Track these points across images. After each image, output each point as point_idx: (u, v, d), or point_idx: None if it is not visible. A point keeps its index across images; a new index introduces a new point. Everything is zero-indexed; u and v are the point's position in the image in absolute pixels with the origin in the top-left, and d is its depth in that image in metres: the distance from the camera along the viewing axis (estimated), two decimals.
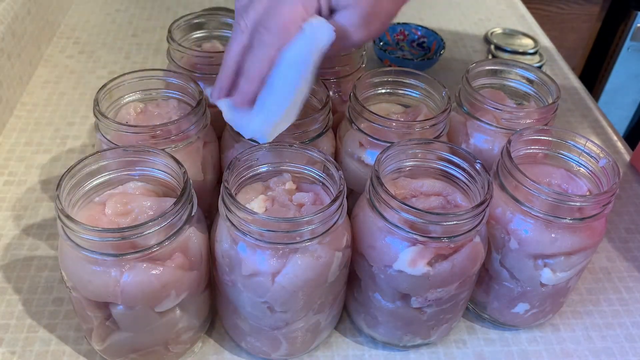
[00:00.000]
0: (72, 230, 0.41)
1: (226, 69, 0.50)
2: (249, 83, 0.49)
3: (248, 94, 0.50)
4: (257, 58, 0.49)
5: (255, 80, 0.49)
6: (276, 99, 0.49)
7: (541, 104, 0.61)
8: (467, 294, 0.51)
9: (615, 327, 0.58)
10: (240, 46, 0.49)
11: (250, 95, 0.50)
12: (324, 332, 0.52)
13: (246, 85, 0.49)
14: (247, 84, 0.49)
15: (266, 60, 0.48)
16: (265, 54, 0.48)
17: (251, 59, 0.49)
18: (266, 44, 0.48)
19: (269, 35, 0.48)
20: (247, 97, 0.50)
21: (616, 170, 0.49)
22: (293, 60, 0.48)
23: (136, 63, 0.90)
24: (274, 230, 0.42)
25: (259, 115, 0.50)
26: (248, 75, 0.49)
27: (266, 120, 0.49)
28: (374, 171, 0.46)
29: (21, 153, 0.72)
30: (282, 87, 0.49)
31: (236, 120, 0.51)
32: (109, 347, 0.48)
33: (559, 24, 1.57)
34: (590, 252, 0.51)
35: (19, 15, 0.80)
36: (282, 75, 0.49)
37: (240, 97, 0.50)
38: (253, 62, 0.49)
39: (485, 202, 0.45)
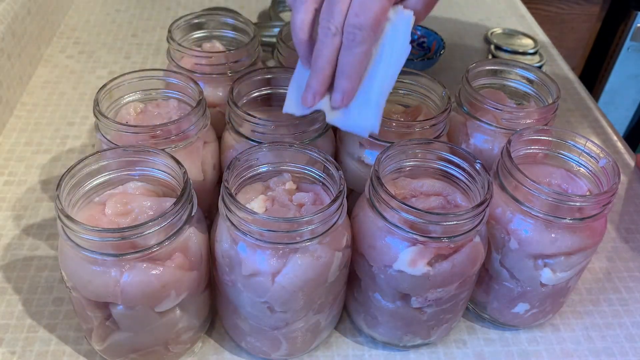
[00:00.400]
0: (72, 230, 0.41)
1: (321, 74, 0.50)
2: (351, 82, 0.50)
3: (351, 93, 0.50)
4: (356, 57, 0.49)
5: (357, 78, 0.50)
6: (381, 91, 0.50)
7: (541, 104, 0.61)
8: (467, 294, 0.51)
9: (615, 327, 0.58)
10: (334, 49, 0.49)
11: (352, 94, 0.51)
12: (324, 332, 0.52)
13: (348, 84, 0.50)
14: (349, 83, 0.50)
15: (365, 58, 0.49)
16: (363, 51, 0.49)
17: (349, 59, 0.49)
18: (362, 42, 0.49)
19: (364, 33, 0.48)
20: (350, 96, 0.50)
21: (616, 170, 0.49)
22: (391, 52, 0.50)
23: (136, 63, 0.90)
24: (274, 230, 0.42)
25: (368, 110, 0.50)
26: (349, 75, 0.50)
27: (375, 114, 0.50)
28: (374, 171, 0.46)
29: (21, 153, 0.72)
30: (384, 79, 0.50)
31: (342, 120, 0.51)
32: (109, 347, 0.48)
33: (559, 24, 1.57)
34: (590, 252, 0.51)
35: (19, 15, 0.80)
36: (383, 68, 0.50)
37: (344, 96, 0.50)
38: (352, 62, 0.49)
39: (485, 202, 0.45)
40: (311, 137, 0.54)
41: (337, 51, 0.50)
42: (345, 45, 0.49)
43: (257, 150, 0.48)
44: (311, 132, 0.53)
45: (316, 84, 0.51)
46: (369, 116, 0.50)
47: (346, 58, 0.49)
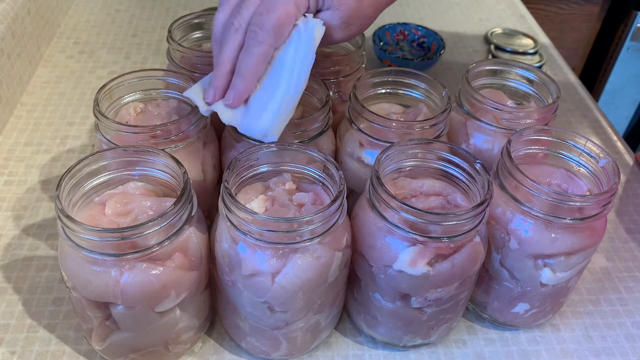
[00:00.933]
0: (72, 230, 0.41)
1: (222, 69, 0.50)
2: (245, 82, 0.50)
3: (243, 93, 0.50)
4: (252, 57, 0.49)
5: (251, 79, 0.50)
6: (282, 98, 0.50)
7: (541, 104, 0.61)
8: (467, 294, 0.51)
9: (615, 327, 0.58)
10: (236, 45, 0.50)
11: (245, 95, 0.50)
12: (324, 332, 0.52)
13: (242, 84, 0.50)
14: (243, 83, 0.50)
15: (262, 59, 0.49)
16: (261, 52, 0.49)
17: (246, 58, 0.49)
18: (261, 42, 0.49)
19: (264, 33, 0.48)
20: (242, 96, 0.50)
21: (616, 170, 0.49)
22: (294, 59, 0.50)
23: (136, 63, 0.90)
24: (274, 230, 0.42)
25: (264, 114, 0.50)
26: (243, 74, 0.49)
27: (273, 119, 0.50)
28: (374, 171, 0.46)
29: (21, 153, 0.72)
30: (287, 86, 0.50)
31: (239, 122, 0.51)
32: (109, 347, 0.48)
33: (559, 24, 1.57)
34: (590, 252, 0.51)
35: (19, 15, 0.80)
36: (284, 73, 0.50)
37: (235, 95, 0.50)
38: (248, 61, 0.49)
39: (485, 202, 0.45)
40: (311, 137, 0.54)
41: (239, 49, 0.50)
42: (246, 45, 0.49)
43: (257, 150, 0.48)
44: (311, 132, 0.53)
45: (216, 80, 0.50)
46: (265, 121, 0.50)
47: (243, 56, 0.49)
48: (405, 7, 1.09)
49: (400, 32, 0.95)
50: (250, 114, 0.50)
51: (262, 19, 0.48)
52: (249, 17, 0.49)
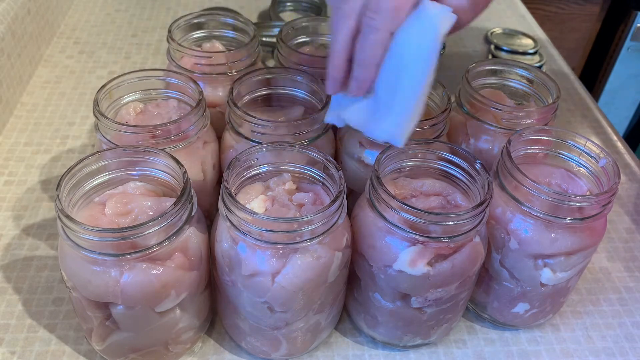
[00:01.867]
0: (72, 230, 0.41)
1: (336, 58, 0.48)
2: (366, 71, 0.47)
3: (365, 82, 0.48)
4: (369, 43, 0.46)
5: (371, 66, 0.47)
6: (405, 96, 0.47)
7: (541, 104, 0.61)
8: (467, 294, 0.51)
9: (615, 327, 0.58)
10: (349, 31, 0.47)
11: (367, 83, 0.48)
12: (324, 332, 0.52)
13: (362, 72, 0.47)
14: (363, 71, 0.47)
15: (379, 45, 0.46)
16: (378, 38, 0.46)
17: (363, 45, 0.46)
18: (377, 27, 0.45)
19: (380, 18, 0.45)
20: (364, 84, 0.48)
21: (616, 170, 0.49)
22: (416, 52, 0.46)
23: (136, 63, 0.90)
24: (274, 230, 0.42)
25: (389, 116, 0.48)
26: (362, 62, 0.47)
27: (399, 122, 0.47)
28: (374, 171, 0.46)
29: (21, 153, 0.72)
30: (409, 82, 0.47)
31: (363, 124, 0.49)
32: (109, 347, 0.48)
33: (559, 24, 1.57)
34: (590, 252, 0.51)
35: (19, 15, 0.80)
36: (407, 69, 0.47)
37: (357, 85, 0.48)
38: (365, 48, 0.46)
39: (485, 202, 0.45)
40: (311, 138, 0.54)
41: (352, 35, 0.47)
42: (362, 32, 0.46)
43: (257, 150, 0.48)
44: (311, 132, 0.53)
45: (333, 71, 0.48)
46: (391, 124, 0.48)
47: (361, 45, 0.47)
48: None
49: None
50: (375, 116, 0.48)
51: (379, 3, 0.45)
52: (361, 1, 0.46)
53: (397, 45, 0.46)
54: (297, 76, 0.58)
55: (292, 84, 0.59)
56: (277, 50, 0.64)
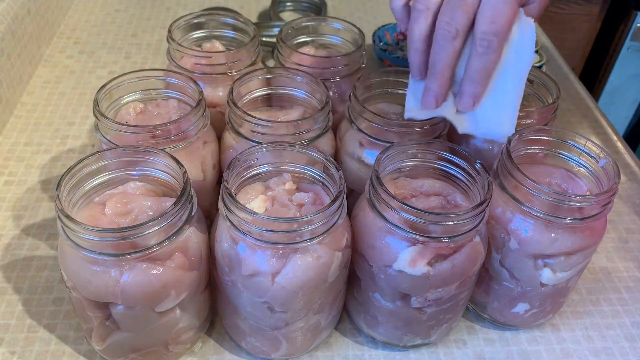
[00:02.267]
0: (72, 230, 0.41)
1: (441, 78, 0.51)
2: (482, 87, 0.51)
3: (481, 97, 0.51)
4: (487, 63, 0.49)
5: (487, 83, 0.51)
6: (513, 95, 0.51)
7: (541, 104, 0.61)
8: (467, 294, 0.51)
9: (615, 327, 0.58)
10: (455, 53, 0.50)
11: (481, 98, 0.51)
12: (324, 332, 0.52)
13: (479, 89, 0.51)
14: (480, 88, 0.51)
15: (495, 64, 0.50)
16: (495, 58, 0.49)
17: (480, 65, 0.49)
18: (496, 49, 0.49)
19: (498, 39, 0.48)
20: (480, 99, 0.51)
21: (616, 170, 0.49)
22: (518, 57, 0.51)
23: (136, 63, 0.90)
24: (274, 230, 0.42)
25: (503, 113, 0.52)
26: (480, 80, 0.50)
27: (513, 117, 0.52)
28: (374, 171, 0.46)
29: (21, 153, 0.72)
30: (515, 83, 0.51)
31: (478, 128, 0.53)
32: (109, 347, 0.48)
33: (559, 24, 1.57)
34: (590, 252, 0.51)
35: (19, 15, 0.80)
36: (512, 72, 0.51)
37: (474, 100, 0.51)
38: (483, 67, 0.49)
39: (485, 202, 0.45)
40: (311, 137, 0.54)
41: (456, 54, 0.50)
42: (478, 52, 0.49)
43: (257, 150, 0.48)
44: (311, 132, 0.53)
45: (437, 87, 0.51)
46: (505, 120, 0.51)
47: (478, 64, 0.49)
48: None
49: (401, 32, 0.95)
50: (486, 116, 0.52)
51: (495, 26, 0.48)
52: (465, 22, 0.48)
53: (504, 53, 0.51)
54: (297, 76, 0.58)
55: (292, 84, 0.59)
56: (277, 50, 0.64)
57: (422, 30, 0.51)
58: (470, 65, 0.50)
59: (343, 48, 0.67)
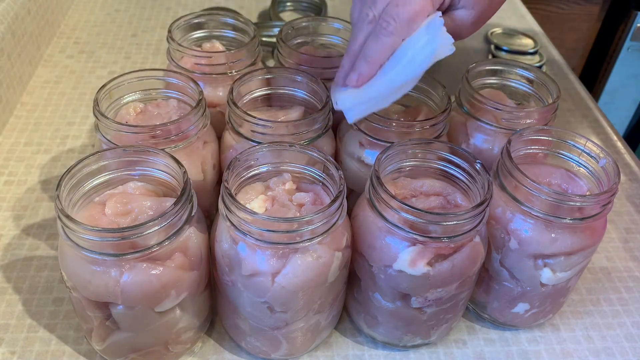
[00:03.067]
0: (72, 230, 0.41)
1: (351, 56, 0.52)
2: (369, 66, 0.51)
3: (365, 76, 0.51)
4: (381, 44, 0.50)
5: (375, 65, 0.51)
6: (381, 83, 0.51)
7: (541, 104, 0.61)
8: (467, 294, 0.51)
9: (615, 327, 0.58)
10: (367, 35, 0.51)
11: (367, 79, 0.51)
12: (324, 332, 0.52)
13: (366, 67, 0.51)
14: (367, 67, 0.51)
15: (389, 49, 0.50)
16: (390, 42, 0.50)
17: (374, 45, 0.50)
18: (392, 33, 0.50)
19: (397, 24, 0.49)
20: (363, 79, 0.51)
21: (616, 170, 0.49)
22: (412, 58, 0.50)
23: (136, 63, 0.90)
24: (274, 230, 0.42)
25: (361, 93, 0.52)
26: (369, 59, 0.51)
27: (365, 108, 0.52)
28: (374, 171, 0.46)
29: (21, 153, 0.72)
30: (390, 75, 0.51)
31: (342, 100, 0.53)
32: (109, 347, 0.48)
33: (559, 24, 1.57)
34: (590, 252, 0.51)
35: (19, 15, 0.80)
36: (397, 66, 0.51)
37: (359, 77, 0.51)
38: (375, 48, 0.50)
39: (485, 202, 0.45)
40: (311, 137, 0.54)
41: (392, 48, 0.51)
42: (376, 32, 0.50)
43: (257, 150, 0.48)
44: (311, 132, 0.53)
45: (346, 64, 0.53)
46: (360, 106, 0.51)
47: (373, 44, 0.50)
48: None
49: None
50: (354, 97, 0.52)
51: (397, 10, 0.49)
52: (383, 7, 0.50)
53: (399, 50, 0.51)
54: (297, 76, 0.58)
55: (292, 84, 0.59)
56: (277, 50, 0.64)
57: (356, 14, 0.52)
58: (366, 44, 0.51)
59: (343, 48, 0.67)
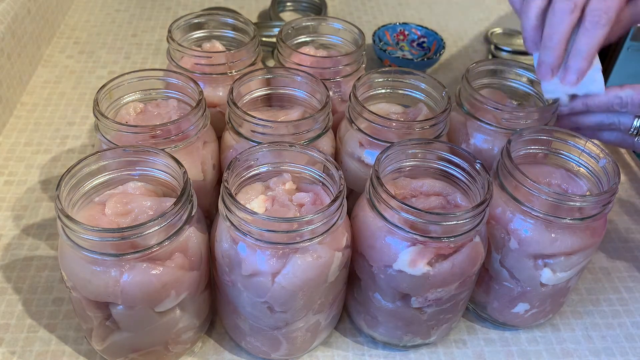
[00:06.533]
0: (72, 230, 0.41)
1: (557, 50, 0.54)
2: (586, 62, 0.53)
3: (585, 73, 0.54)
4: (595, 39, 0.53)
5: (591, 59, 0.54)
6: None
7: (541, 104, 0.61)
8: (467, 294, 0.51)
9: (615, 327, 0.58)
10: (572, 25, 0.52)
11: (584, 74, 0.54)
12: (324, 332, 0.53)
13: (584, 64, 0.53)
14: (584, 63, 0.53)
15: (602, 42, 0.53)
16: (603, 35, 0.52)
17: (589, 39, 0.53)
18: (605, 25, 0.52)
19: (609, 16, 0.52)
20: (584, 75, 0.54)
21: (616, 170, 0.49)
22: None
23: (136, 63, 0.90)
24: (274, 230, 0.42)
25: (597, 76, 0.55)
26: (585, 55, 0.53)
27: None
28: (374, 171, 0.46)
29: (21, 153, 0.72)
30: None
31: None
32: (109, 347, 0.48)
33: None
34: (590, 252, 0.51)
35: (19, 15, 0.80)
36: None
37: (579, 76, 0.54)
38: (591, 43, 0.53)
39: (485, 202, 0.45)
40: (311, 137, 0.54)
41: (572, 28, 0.52)
42: (587, 27, 0.52)
43: (257, 150, 0.48)
44: (311, 132, 0.53)
45: (553, 58, 0.54)
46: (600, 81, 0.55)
47: (586, 39, 0.52)
48: (405, 7, 1.09)
49: (400, 32, 0.95)
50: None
51: (607, 3, 0.51)
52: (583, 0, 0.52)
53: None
54: (297, 76, 0.58)
55: (292, 84, 0.59)
56: (277, 50, 0.64)
57: (539, 7, 0.54)
58: (577, 41, 0.52)
59: (343, 48, 0.67)
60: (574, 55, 0.53)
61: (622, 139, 0.59)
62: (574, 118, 0.58)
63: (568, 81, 0.54)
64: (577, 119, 0.58)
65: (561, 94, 0.56)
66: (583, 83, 0.55)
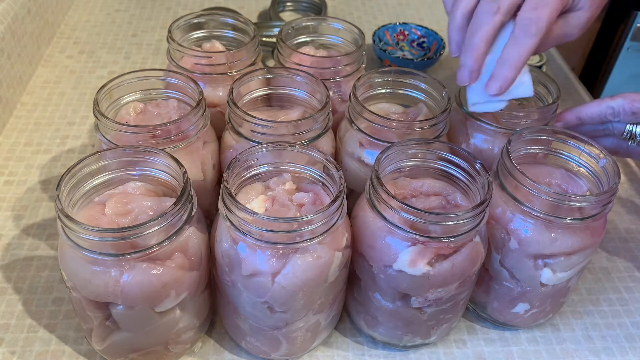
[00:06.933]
0: (72, 230, 0.41)
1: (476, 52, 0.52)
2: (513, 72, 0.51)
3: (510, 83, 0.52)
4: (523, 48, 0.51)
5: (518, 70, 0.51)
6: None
7: (541, 104, 0.61)
8: (467, 294, 0.51)
9: (615, 327, 0.58)
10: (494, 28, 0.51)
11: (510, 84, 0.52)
12: (324, 332, 0.52)
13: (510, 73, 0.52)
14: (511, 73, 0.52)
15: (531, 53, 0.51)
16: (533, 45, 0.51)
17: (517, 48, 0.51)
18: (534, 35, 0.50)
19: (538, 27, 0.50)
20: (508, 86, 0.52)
21: (616, 170, 0.49)
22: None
23: (136, 63, 0.90)
24: (274, 230, 0.42)
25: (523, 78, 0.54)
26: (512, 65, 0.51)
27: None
28: (374, 171, 0.46)
29: (21, 153, 0.72)
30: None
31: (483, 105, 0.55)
32: (109, 347, 0.48)
33: None
34: (590, 252, 0.51)
35: (19, 15, 0.80)
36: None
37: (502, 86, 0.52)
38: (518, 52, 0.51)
39: (485, 202, 0.45)
40: (311, 137, 0.54)
41: (494, 31, 0.50)
42: (516, 35, 0.50)
43: (257, 150, 0.48)
44: (311, 132, 0.53)
45: (471, 61, 0.51)
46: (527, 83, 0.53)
47: (513, 47, 0.50)
48: (405, 7, 1.09)
49: (400, 32, 0.95)
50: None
51: (538, 13, 0.49)
52: (509, 4, 0.50)
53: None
54: (297, 76, 0.58)
55: (292, 84, 0.59)
56: (277, 50, 0.64)
57: (466, 7, 0.52)
58: (505, 50, 0.50)
59: (343, 48, 0.67)
60: (501, 64, 0.51)
61: (617, 145, 0.58)
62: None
63: (490, 90, 0.52)
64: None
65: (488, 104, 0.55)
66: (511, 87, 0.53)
